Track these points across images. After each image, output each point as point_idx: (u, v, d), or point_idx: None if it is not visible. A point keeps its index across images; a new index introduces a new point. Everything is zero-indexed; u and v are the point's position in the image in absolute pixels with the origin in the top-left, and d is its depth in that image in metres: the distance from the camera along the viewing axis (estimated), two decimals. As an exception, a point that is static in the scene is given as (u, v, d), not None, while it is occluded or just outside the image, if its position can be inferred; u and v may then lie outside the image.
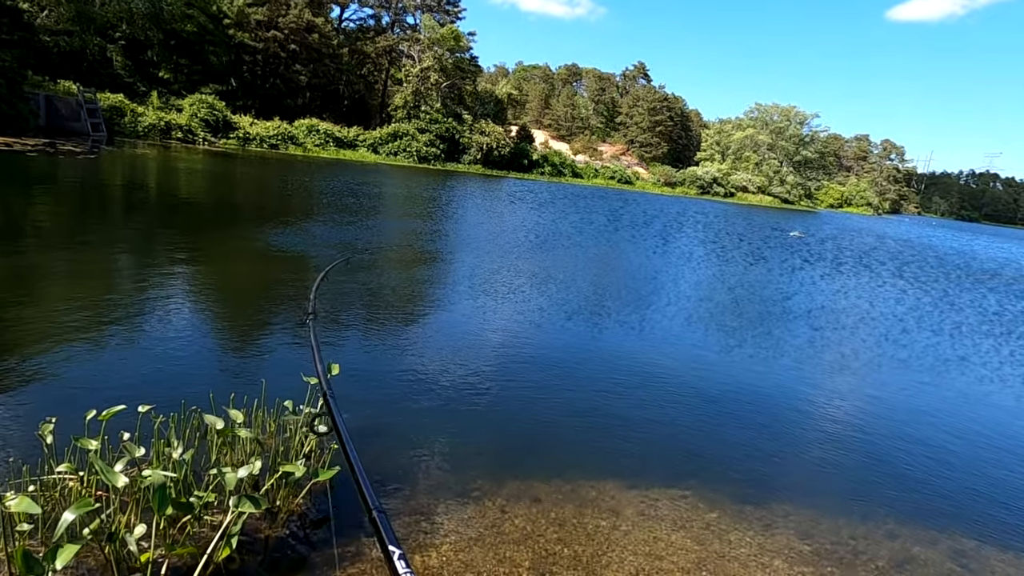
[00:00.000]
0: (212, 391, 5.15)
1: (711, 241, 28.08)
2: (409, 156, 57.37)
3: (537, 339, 9.41)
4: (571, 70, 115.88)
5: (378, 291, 11.26)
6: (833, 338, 12.03)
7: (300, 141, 51.47)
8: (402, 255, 15.26)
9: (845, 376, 9.75)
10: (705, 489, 5.54)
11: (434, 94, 60.82)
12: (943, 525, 5.48)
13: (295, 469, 4.00)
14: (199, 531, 3.86)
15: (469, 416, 6.38)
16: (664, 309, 12.48)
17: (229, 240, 14.21)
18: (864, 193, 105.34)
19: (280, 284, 10.82)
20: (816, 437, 7.14)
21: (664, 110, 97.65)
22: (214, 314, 8.70)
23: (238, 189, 25.55)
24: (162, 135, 41.44)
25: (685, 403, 7.61)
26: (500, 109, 72.20)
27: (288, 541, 4.03)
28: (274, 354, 7.30)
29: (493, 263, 15.11)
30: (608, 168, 79.92)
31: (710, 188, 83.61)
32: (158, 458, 4.26)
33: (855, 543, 5.00)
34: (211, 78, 50.26)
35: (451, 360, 7.89)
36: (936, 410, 8.64)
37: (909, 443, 7.28)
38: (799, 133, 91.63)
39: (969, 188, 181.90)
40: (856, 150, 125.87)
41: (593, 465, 5.75)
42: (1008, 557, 5.14)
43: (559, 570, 4.19)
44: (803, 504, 5.53)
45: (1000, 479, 6.65)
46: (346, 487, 4.70)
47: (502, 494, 5.02)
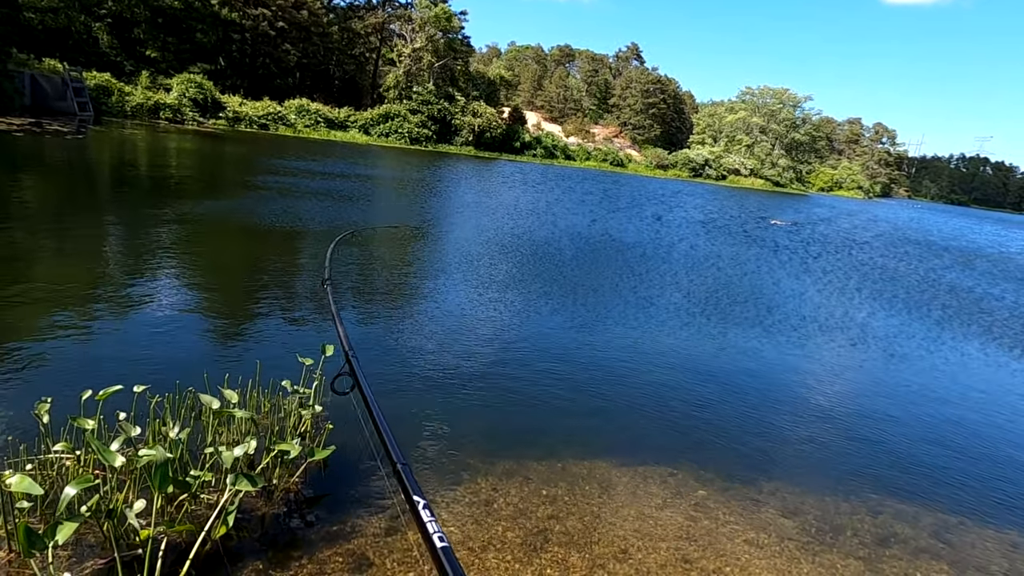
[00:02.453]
0: (207, 372, 5.19)
1: (696, 224, 28.15)
2: (401, 137, 56.97)
3: (530, 322, 9.47)
4: (564, 51, 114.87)
5: (370, 270, 11.28)
6: (819, 322, 12.16)
7: (290, 122, 50.99)
8: (395, 236, 15.25)
9: (831, 357, 9.88)
10: (694, 467, 5.64)
11: (426, 75, 60.27)
12: (925, 501, 5.61)
13: (291, 448, 4.05)
14: (196, 509, 3.91)
15: (461, 395, 6.44)
16: (655, 295, 12.56)
17: (221, 221, 14.14)
18: (855, 176, 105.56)
19: (273, 264, 10.80)
20: (803, 417, 7.26)
21: (657, 92, 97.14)
22: (208, 295, 8.70)
23: (229, 169, 25.33)
24: (150, 115, 40.96)
25: (675, 384, 7.70)
26: (492, 90, 71.77)
27: (284, 519, 4.09)
28: (268, 335, 7.32)
29: (487, 247, 15.12)
30: (600, 151, 79.64)
31: (702, 171, 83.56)
32: (154, 438, 4.30)
33: (839, 519, 5.12)
34: (199, 57, 49.57)
35: (444, 340, 7.93)
36: (919, 389, 8.79)
37: (892, 422, 7.42)
38: (791, 116, 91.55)
39: (959, 172, 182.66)
40: (848, 133, 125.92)
41: (584, 444, 5.84)
42: (988, 532, 5.28)
43: (550, 546, 4.27)
44: (790, 481, 5.65)
45: (981, 455, 6.80)
46: (342, 465, 4.76)
47: (495, 472, 5.10)
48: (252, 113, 48.24)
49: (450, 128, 60.64)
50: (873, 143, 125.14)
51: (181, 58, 48.28)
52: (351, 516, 4.25)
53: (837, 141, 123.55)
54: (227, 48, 53.02)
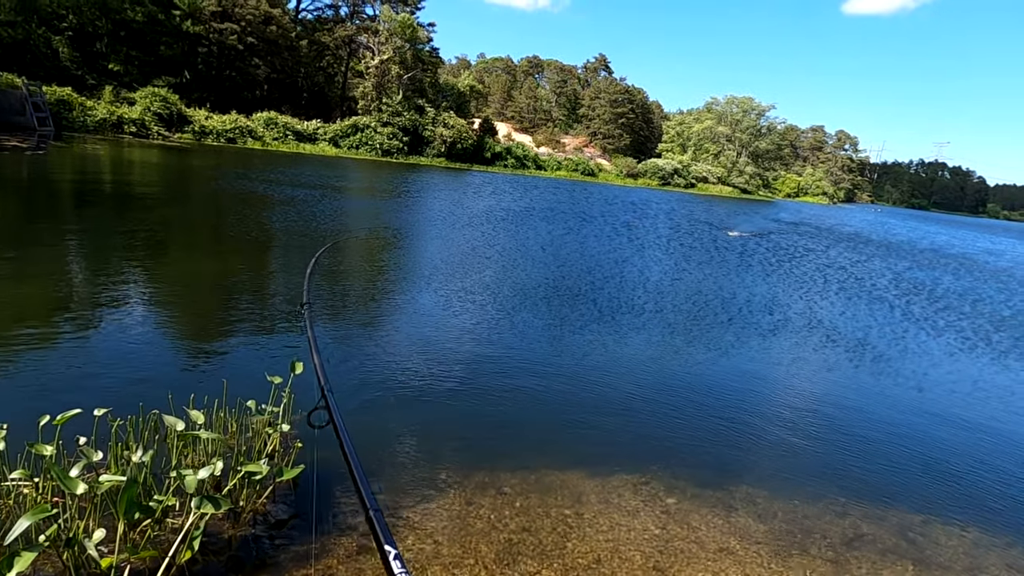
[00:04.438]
0: (171, 392, 5.09)
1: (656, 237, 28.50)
2: (371, 150, 56.74)
3: (502, 333, 9.47)
4: (533, 62, 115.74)
5: (345, 282, 11.18)
6: (787, 330, 12.37)
7: (258, 135, 50.44)
8: (367, 247, 15.15)
9: (797, 362, 10.06)
10: (666, 475, 5.69)
11: (395, 86, 60.16)
12: (890, 502, 5.73)
13: (258, 468, 3.99)
14: (160, 534, 3.82)
15: (434, 409, 6.41)
16: (625, 304, 12.67)
17: (184, 237, 13.92)
18: (819, 183, 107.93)
19: (241, 279, 10.66)
20: (771, 422, 7.37)
21: (625, 102, 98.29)
22: (171, 314, 8.54)
23: (195, 183, 24.94)
24: (114, 129, 40.17)
25: (646, 393, 7.77)
26: (463, 101, 71.86)
27: (252, 540, 4.02)
28: (235, 353, 7.21)
29: (460, 259, 15.11)
30: (571, 160, 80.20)
31: (671, 179, 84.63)
32: (116, 462, 4.20)
33: (808, 522, 5.20)
34: (164, 70, 48.88)
35: (416, 353, 7.89)
36: (882, 390, 8.98)
37: (858, 423, 7.57)
38: (756, 124, 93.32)
39: (919, 177, 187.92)
40: (812, 140, 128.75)
41: (558, 455, 5.85)
42: (952, 530, 5.41)
43: (523, 559, 4.27)
44: (760, 486, 5.73)
45: (942, 453, 6.97)
46: (310, 485, 4.70)
47: (468, 486, 5.08)
48: (219, 127, 47.61)
49: (421, 140, 60.56)
50: (836, 150, 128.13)
51: (145, 71, 47.55)
52: (321, 536, 4.19)
53: (801, 148, 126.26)
54: (193, 61, 52.42)
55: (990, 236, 66.33)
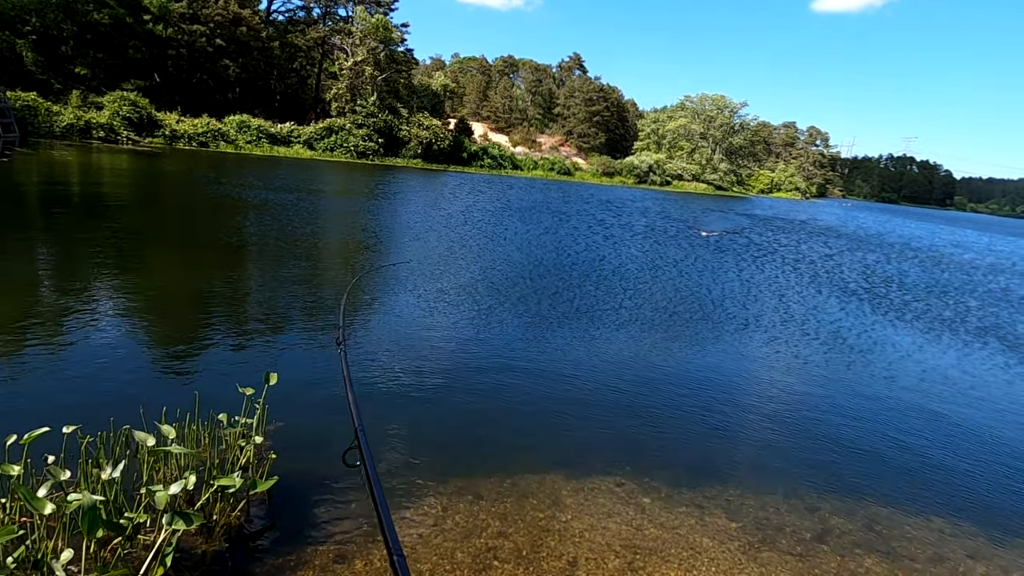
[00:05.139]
0: (143, 407, 5.04)
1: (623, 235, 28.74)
2: (347, 152, 56.32)
3: (476, 333, 9.50)
4: (508, 62, 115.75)
5: (323, 287, 11.13)
6: (760, 326, 12.57)
7: (231, 138, 49.82)
8: (347, 248, 15.07)
9: (770, 359, 10.23)
10: (640, 475, 5.76)
11: (369, 88, 59.81)
12: (859, 496, 5.87)
13: (231, 482, 3.98)
14: (132, 551, 3.79)
15: (407, 413, 6.42)
16: (601, 303, 12.77)
17: (155, 246, 13.73)
18: (792, 178, 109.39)
19: (213, 288, 10.55)
20: (744, 418, 7.50)
21: (600, 101, 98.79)
22: (142, 326, 8.43)
23: (165, 190, 24.58)
24: (81, 135, 39.42)
25: (622, 394, 7.85)
26: (437, 102, 71.68)
27: (226, 554, 4.01)
28: (207, 365, 7.14)
29: (433, 262, 15.10)
30: (547, 160, 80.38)
31: (647, 177, 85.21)
32: (86, 480, 4.15)
33: (779, 518, 5.31)
34: (132, 73, 48.02)
35: (388, 358, 7.88)
36: (854, 385, 9.18)
37: (830, 418, 7.73)
38: (729, 121, 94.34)
39: (889, 171, 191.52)
40: (784, 136, 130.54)
41: (534, 458, 5.89)
42: (917, 521, 5.55)
43: (500, 563, 4.30)
44: (732, 484, 5.83)
45: (910, 448, 7.14)
46: (286, 495, 4.69)
47: (444, 492, 5.10)
48: (190, 130, 46.94)
49: (396, 141, 60.27)
50: (808, 145, 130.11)
51: (113, 75, 46.67)
52: (297, 547, 4.19)
53: (774, 144, 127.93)
54: (162, 64, 51.55)
55: (956, 229, 67.88)
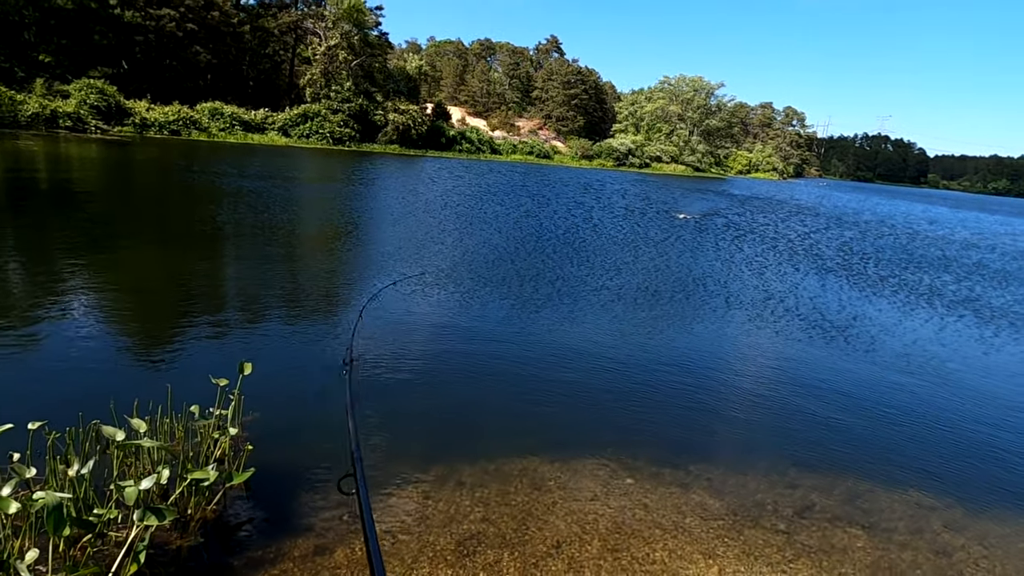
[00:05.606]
0: (113, 401, 4.90)
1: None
2: (322, 138, 55.57)
3: (456, 318, 9.42)
4: (485, 45, 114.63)
5: (300, 276, 10.95)
6: (740, 305, 12.63)
7: (204, 126, 48.90)
8: (321, 234, 14.85)
9: (751, 337, 10.28)
10: (623, 456, 5.75)
11: (344, 73, 58.91)
12: (839, 471, 5.92)
13: (206, 475, 3.88)
14: (104, 549, 3.69)
15: (387, 401, 6.34)
16: (581, 286, 12.74)
17: (124, 236, 13.41)
18: (770, 159, 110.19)
19: (182, 281, 10.33)
20: (725, 397, 7.53)
21: (578, 83, 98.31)
22: (110, 318, 8.22)
23: (136, 179, 24.04)
24: (48, 124, 38.41)
25: (602, 374, 7.83)
26: (414, 86, 70.90)
27: (203, 549, 3.92)
28: (180, 356, 6.99)
29: (413, 247, 14.95)
30: (526, 143, 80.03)
31: (626, 159, 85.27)
32: (54, 477, 4.03)
33: (760, 495, 5.33)
34: (99, 60, 46.75)
35: (365, 345, 7.77)
36: (834, 362, 9.26)
37: (810, 395, 7.78)
38: (706, 103, 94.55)
39: (864, 150, 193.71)
40: (761, 117, 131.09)
41: (516, 442, 5.85)
42: (894, 494, 5.61)
43: (484, 549, 4.26)
44: (714, 462, 5.84)
45: (889, 422, 7.22)
46: (265, 487, 4.60)
47: (426, 479, 5.04)
48: (161, 118, 45.99)
49: (373, 126, 59.56)
50: (784, 126, 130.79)
51: (78, 62, 45.43)
52: (276, 539, 4.11)
53: (751, 125, 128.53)
54: (130, 50, 50.25)
55: (929, 206, 68.93)
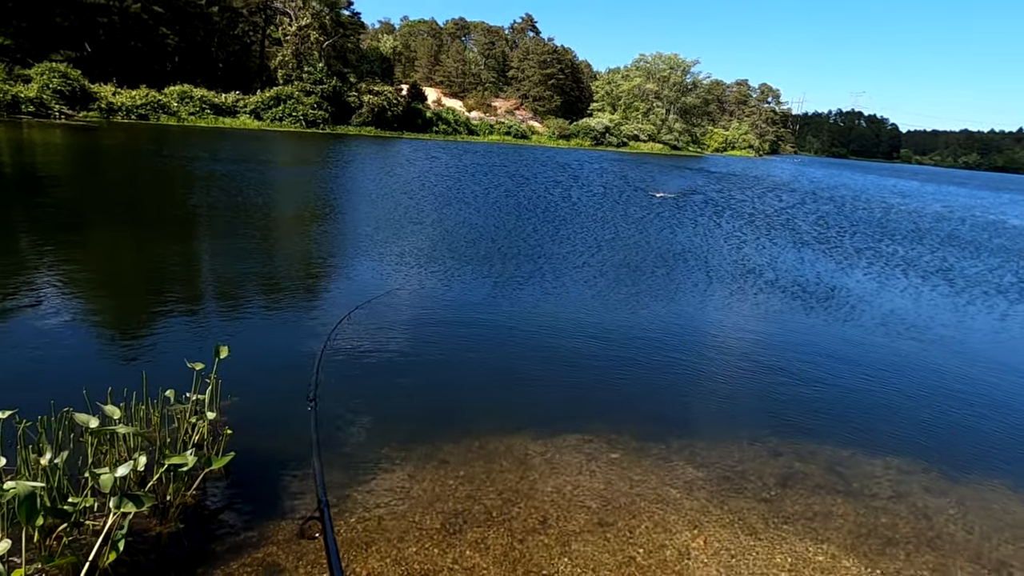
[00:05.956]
0: (86, 388, 4.76)
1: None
2: (296, 121, 54.63)
3: (437, 297, 9.35)
4: (459, 24, 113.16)
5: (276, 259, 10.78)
6: (720, 278, 12.71)
7: (173, 110, 47.77)
8: (297, 218, 14.62)
9: (731, 310, 10.36)
10: (608, 431, 5.75)
11: (316, 54, 57.81)
12: (821, 440, 5.98)
13: (183, 460, 3.79)
14: (81, 538, 3.60)
15: (369, 382, 6.28)
16: (562, 263, 12.71)
17: (93, 222, 13.08)
18: (746, 136, 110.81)
19: (153, 266, 10.11)
20: (708, 369, 7.57)
21: (554, 63, 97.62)
22: (82, 304, 8.01)
23: (103, 165, 23.44)
24: (10, 110, 37.25)
25: (586, 349, 7.83)
26: (388, 67, 69.89)
27: (183, 535, 3.84)
28: (154, 342, 6.84)
29: (392, 228, 14.79)
30: (503, 124, 79.48)
31: (603, 138, 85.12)
32: (26, 466, 3.91)
33: (744, 465, 5.37)
34: (61, 43, 45.26)
35: (346, 326, 7.67)
36: (813, 331, 9.36)
37: (790, 365, 7.86)
38: (682, 80, 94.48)
39: (838, 126, 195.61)
40: (737, 94, 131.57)
41: (500, 419, 5.83)
42: (876, 461, 5.70)
43: (469, 527, 4.24)
44: (698, 435, 5.87)
45: (868, 390, 7.32)
46: (245, 471, 4.53)
47: (410, 459, 5.00)
48: (129, 102, 44.82)
49: (347, 108, 58.66)
50: (760, 103, 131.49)
51: (39, 45, 43.93)
52: (258, 523, 4.05)
53: (727, 103, 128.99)
54: (93, 32, 48.72)
55: (901, 181, 69.93)
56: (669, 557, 4.11)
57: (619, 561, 4.03)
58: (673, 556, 4.13)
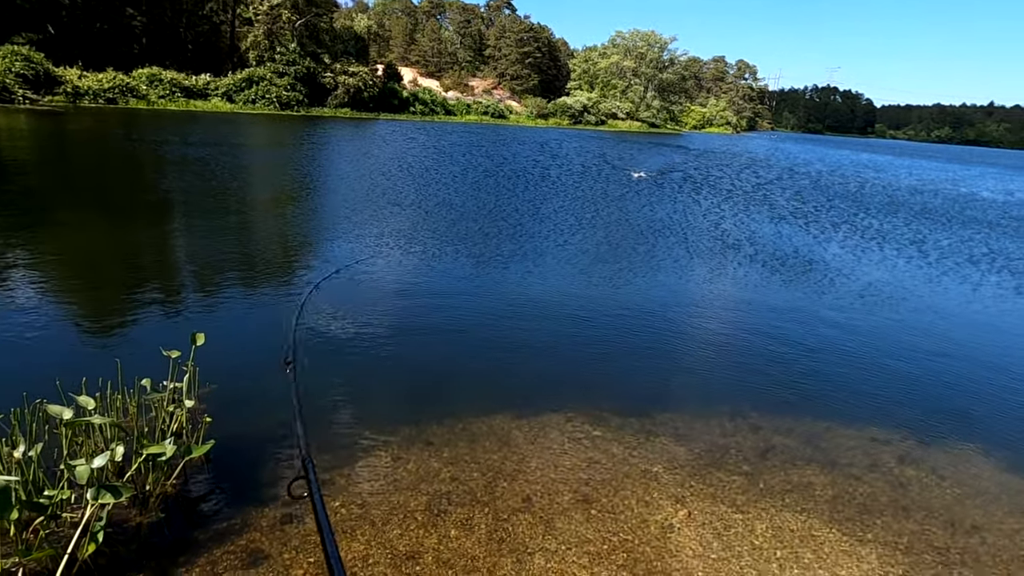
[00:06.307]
0: (59, 379, 4.67)
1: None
2: (269, 103, 53.56)
3: (417, 278, 9.29)
4: (434, 2, 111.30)
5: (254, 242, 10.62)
6: (700, 254, 12.78)
7: (142, 93, 46.55)
8: (273, 201, 14.40)
9: (711, 285, 10.43)
10: (590, 409, 5.79)
11: (288, 33, 56.60)
12: (798, 413, 6.08)
13: (162, 449, 3.74)
14: (59, 531, 3.55)
15: (351, 365, 6.24)
16: (543, 243, 12.69)
17: (62, 208, 12.77)
18: (723, 113, 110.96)
19: (126, 252, 9.92)
20: (688, 347, 7.64)
21: (531, 41, 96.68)
22: (53, 293, 7.83)
23: (70, 150, 22.85)
24: (-31, 95, 36.07)
25: (567, 329, 7.85)
26: (362, 47, 68.67)
27: (164, 525, 3.80)
28: (126, 330, 6.72)
29: (370, 210, 14.63)
30: (480, 103, 78.70)
31: (582, 117, 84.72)
32: (1, 460, 3.84)
33: (724, 440, 5.44)
34: (22, 25, 43.76)
35: (328, 310, 7.61)
36: (791, 306, 9.46)
37: (769, 340, 7.95)
38: (660, 57, 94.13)
39: (814, 102, 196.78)
40: (714, 71, 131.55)
41: (483, 400, 5.83)
42: (852, 432, 5.80)
43: (454, 507, 4.25)
44: (679, 411, 5.93)
45: (843, 362, 7.44)
46: (227, 458, 4.48)
47: (394, 441, 4.99)
48: (95, 86, 43.56)
49: (322, 89, 57.64)
50: (737, 79, 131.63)
51: (0, 27, 42.47)
52: (241, 510, 4.02)
53: (704, 80, 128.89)
54: (55, 14, 47.17)
55: (875, 155, 70.69)
56: (653, 531, 4.16)
57: (603, 537, 4.07)
58: (657, 530, 4.18)
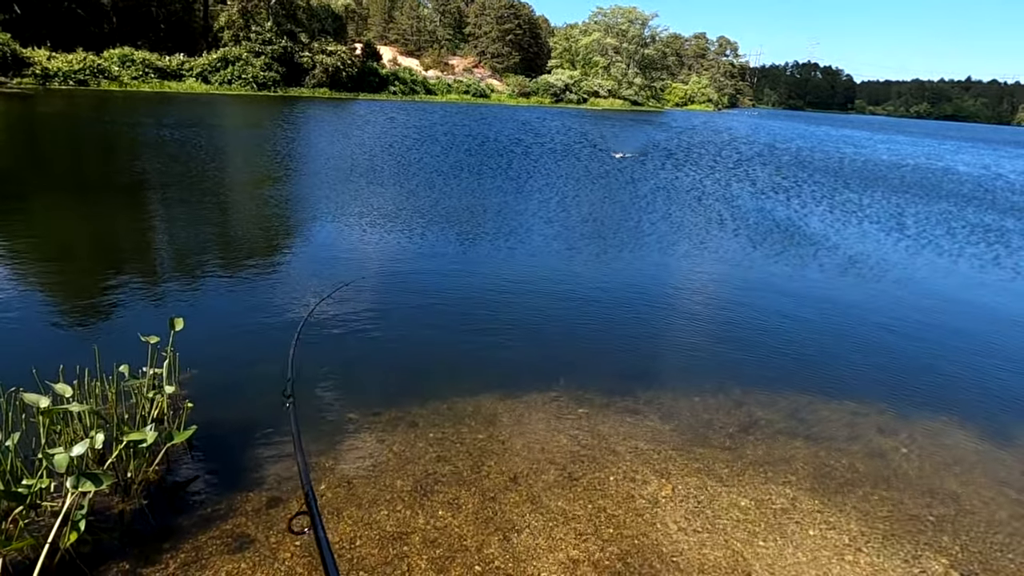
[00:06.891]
0: (35, 367, 4.58)
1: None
2: (246, 83, 52.62)
3: (399, 262, 9.23)
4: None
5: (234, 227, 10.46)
6: (681, 233, 12.81)
7: (114, 74, 45.51)
8: (251, 180, 14.19)
9: (693, 263, 10.47)
10: (575, 387, 5.80)
11: (264, 12, 55.43)
12: (780, 387, 6.14)
13: (142, 436, 3.69)
14: (38, 520, 3.50)
15: (336, 348, 6.19)
16: (523, 222, 12.64)
17: (36, 192, 12.49)
18: (705, 90, 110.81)
19: (101, 236, 9.73)
20: (671, 324, 7.67)
21: (512, 18, 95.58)
22: (26, 279, 7.67)
23: (41, 135, 22.30)
24: (-66, 78, 35.06)
25: (551, 309, 7.85)
26: (340, 26, 67.48)
27: (147, 512, 3.77)
28: (103, 316, 6.61)
29: (351, 190, 14.46)
30: (461, 82, 77.90)
31: (563, 95, 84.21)
32: (-24, 450, 3.76)
33: (708, 415, 5.49)
34: (-14, 5, 42.56)
35: (310, 286, 7.53)
36: (773, 282, 9.54)
37: (751, 316, 8.02)
38: (641, 34, 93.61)
39: (795, 78, 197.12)
40: (695, 48, 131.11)
41: (467, 381, 5.82)
42: (832, 405, 5.88)
43: (440, 487, 4.25)
44: (663, 387, 5.97)
45: (824, 336, 7.52)
46: (210, 443, 4.45)
47: (379, 423, 4.98)
48: (65, 67, 42.51)
49: (300, 69, 56.68)
50: (718, 56, 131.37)
51: (-38, 7, 41.24)
52: (225, 495, 3.99)
53: (686, 56, 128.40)
54: (20, -8, 45.77)
55: (855, 131, 71.16)
56: (639, 506, 4.20)
57: (590, 513, 4.10)
58: (643, 505, 4.22)
